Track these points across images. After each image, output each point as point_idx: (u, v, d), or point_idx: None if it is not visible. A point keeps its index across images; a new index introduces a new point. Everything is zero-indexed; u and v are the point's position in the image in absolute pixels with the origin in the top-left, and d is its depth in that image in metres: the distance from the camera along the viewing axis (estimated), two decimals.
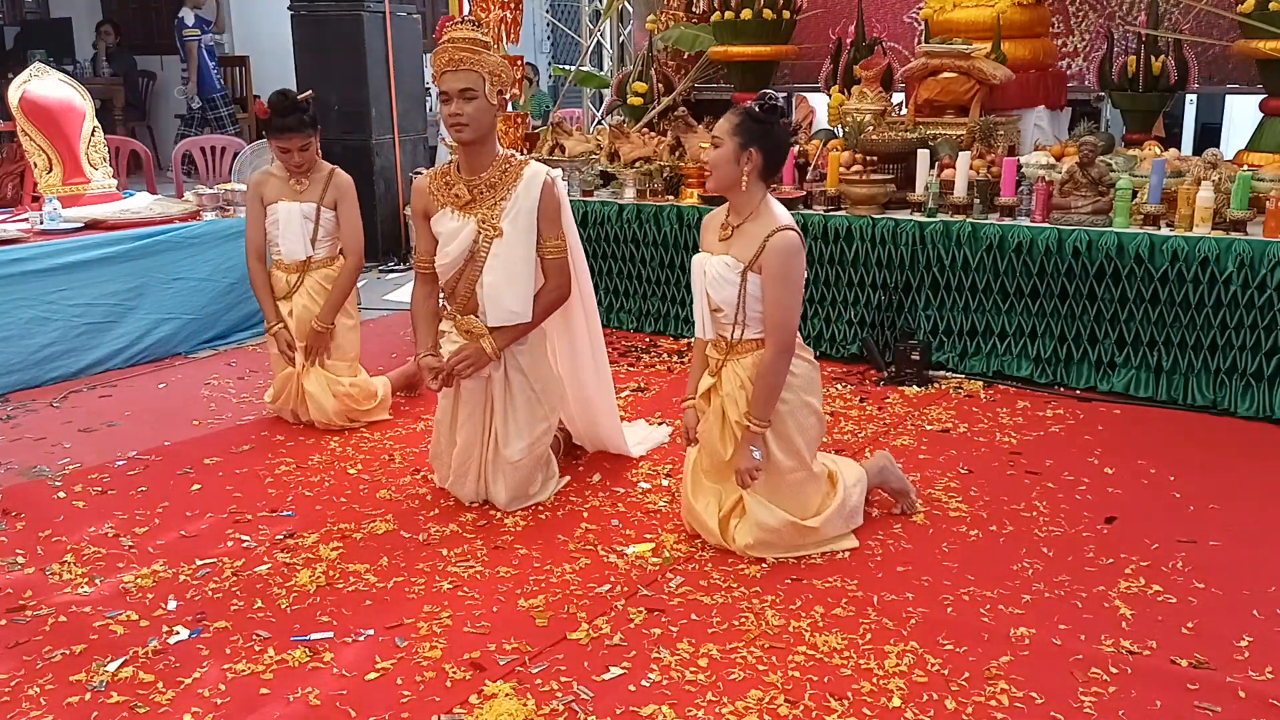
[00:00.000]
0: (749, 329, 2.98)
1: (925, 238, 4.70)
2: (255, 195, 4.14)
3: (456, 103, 3.12)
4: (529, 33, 12.57)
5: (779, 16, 5.95)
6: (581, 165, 5.74)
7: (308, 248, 4.09)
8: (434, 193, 3.30)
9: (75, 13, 12.44)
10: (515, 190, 3.22)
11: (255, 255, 4.17)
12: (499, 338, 3.27)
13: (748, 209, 2.97)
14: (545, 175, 3.26)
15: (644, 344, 5.35)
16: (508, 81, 3.22)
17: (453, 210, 3.26)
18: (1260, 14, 4.66)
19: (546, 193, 3.25)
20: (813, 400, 3.07)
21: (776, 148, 2.98)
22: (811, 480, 3.07)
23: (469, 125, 3.14)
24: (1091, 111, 5.91)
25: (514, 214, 3.22)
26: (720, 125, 2.96)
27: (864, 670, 2.49)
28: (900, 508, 3.33)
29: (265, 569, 3.02)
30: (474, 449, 3.35)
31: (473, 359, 3.26)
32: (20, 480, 3.71)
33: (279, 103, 3.98)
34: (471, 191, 3.23)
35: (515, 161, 3.28)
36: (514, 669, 2.51)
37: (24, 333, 4.73)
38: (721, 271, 2.96)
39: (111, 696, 2.42)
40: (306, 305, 4.12)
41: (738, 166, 2.91)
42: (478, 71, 3.12)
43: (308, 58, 7.45)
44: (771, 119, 2.93)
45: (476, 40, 3.13)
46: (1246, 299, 4.10)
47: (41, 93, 5.36)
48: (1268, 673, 2.46)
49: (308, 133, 3.99)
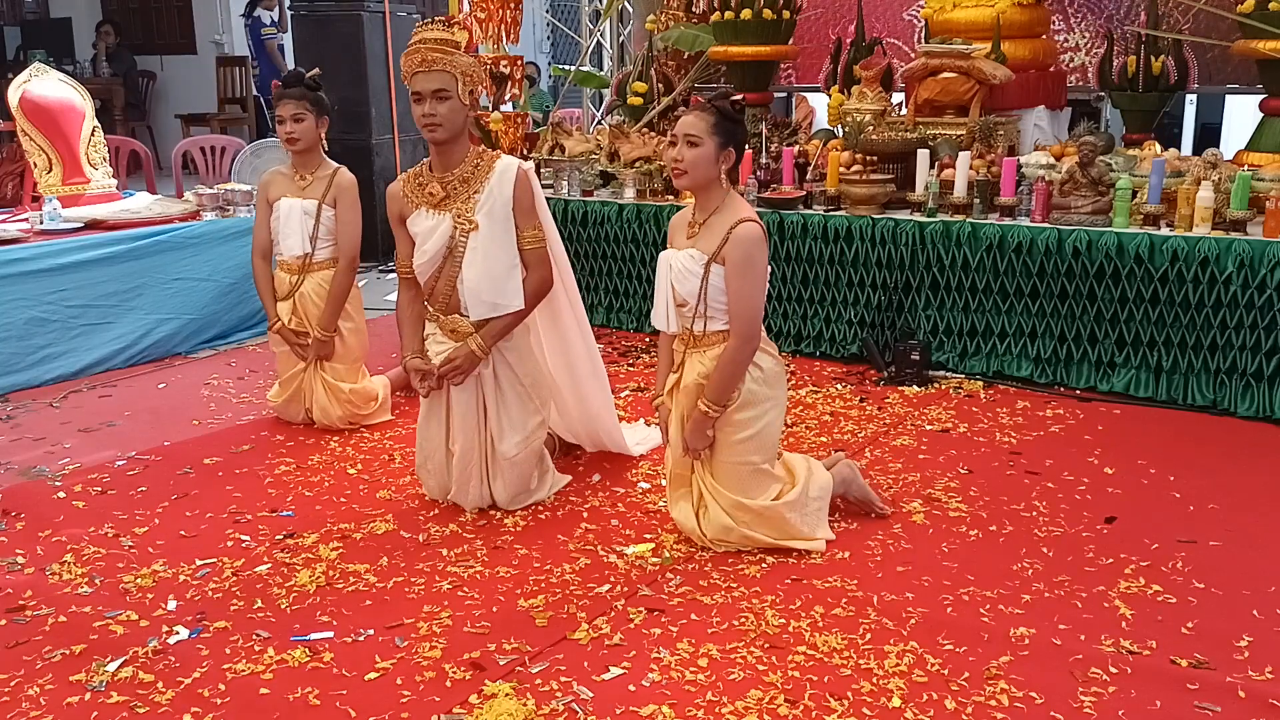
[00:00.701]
0: (711, 322, 3.00)
1: (925, 238, 4.70)
2: (262, 193, 4.18)
3: (430, 103, 3.14)
4: (529, 33, 12.58)
5: (779, 16, 5.94)
6: (581, 165, 5.74)
7: (306, 244, 4.07)
8: (408, 195, 3.30)
9: (75, 13, 12.44)
10: (489, 183, 3.23)
11: (260, 253, 4.19)
12: (486, 335, 3.26)
13: (714, 204, 3.01)
14: (519, 166, 3.26)
15: (644, 344, 5.35)
16: (479, 81, 3.21)
17: (428, 209, 3.26)
18: (1260, 14, 4.66)
19: (521, 183, 3.24)
20: (777, 394, 3.08)
21: (743, 145, 3.06)
22: (765, 475, 3.07)
23: (443, 125, 3.15)
24: (1091, 111, 5.91)
25: (489, 207, 3.22)
26: (693, 124, 2.94)
27: (864, 670, 2.49)
28: (872, 513, 3.32)
29: (265, 569, 3.02)
30: (473, 453, 3.35)
31: (462, 366, 3.27)
32: (20, 480, 3.71)
33: (287, 75, 4.13)
34: (445, 188, 3.24)
35: (487, 156, 3.28)
36: (514, 669, 2.51)
37: (24, 333, 4.73)
38: (686, 264, 2.99)
39: (111, 696, 2.42)
40: (306, 306, 4.11)
41: (716, 165, 2.96)
42: (450, 72, 3.14)
43: (307, 58, 7.44)
44: (741, 118, 3.00)
45: (448, 41, 3.14)
46: (1246, 299, 4.10)
47: (41, 93, 5.36)
48: (1268, 673, 2.46)
49: (304, 105, 4.02)
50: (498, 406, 3.35)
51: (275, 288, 4.17)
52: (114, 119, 10.58)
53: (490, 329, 3.27)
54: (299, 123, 4.02)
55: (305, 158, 4.11)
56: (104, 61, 11.42)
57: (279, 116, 4.04)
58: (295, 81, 4.06)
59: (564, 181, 5.78)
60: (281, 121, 4.03)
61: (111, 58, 11.52)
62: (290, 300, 4.13)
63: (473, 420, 3.35)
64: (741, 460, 3.04)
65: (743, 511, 3.04)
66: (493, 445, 3.34)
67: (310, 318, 4.10)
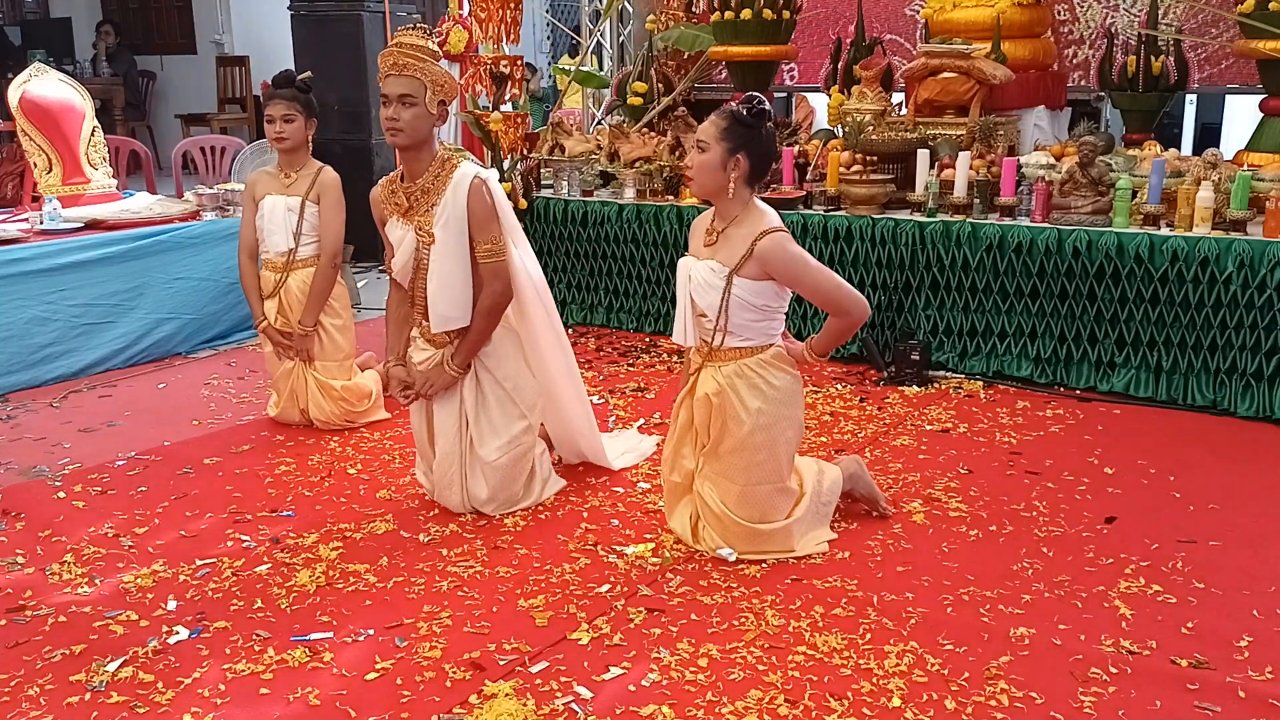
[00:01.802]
0: (731, 337, 2.94)
1: (925, 238, 4.70)
2: (249, 193, 4.20)
3: (395, 107, 3.14)
4: (529, 33, 12.57)
5: (779, 16, 5.94)
6: (581, 165, 5.74)
7: (289, 240, 4.10)
8: (384, 201, 3.32)
9: (75, 13, 12.44)
10: (445, 194, 3.20)
11: (246, 253, 4.21)
12: (459, 353, 3.26)
13: (733, 213, 2.93)
14: (473, 176, 3.21)
15: (644, 344, 5.35)
16: (451, 93, 3.20)
17: (398, 218, 3.28)
18: (1260, 14, 4.66)
19: (474, 195, 3.19)
20: (793, 413, 3.02)
21: (765, 153, 2.92)
22: (782, 494, 3.03)
23: (404, 130, 3.15)
24: (1091, 111, 5.91)
25: (444, 218, 3.19)
26: (705, 129, 2.89)
27: (864, 670, 2.49)
28: (874, 512, 3.31)
29: (265, 569, 3.02)
30: (454, 457, 3.32)
31: (435, 383, 3.29)
32: (20, 480, 3.71)
33: (277, 76, 4.16)
34: (409, 198, 3.24)
35: (449, 165, 3.24)
36: (514, 669, 2.51)
37: (24, 333, 4.73)
38: (706, 276, 2.92)
39: (111, 696, 2.42)
40: (290, 303, 4.13)
41: (724, 172, 2.86)
42: (419, 79, 3.13)
43: (308, 58, 7.44)
44: (759, 122, 2.87)
45: (423, 48, 3.15)
46: (1246, 299, 4.10)
47: (41, 93, 5.36)
48: (1268, 673, 2.46)
49: (294, 106, 4.06)
50: (477, 410, 3.32)
51: (261, 286, 4.19)
52: (114, 119, 10.57)
53: (461, 346, 3.27)
54: (289, 123, 4.07)
55: (291, 156, 4.14)
56: (104, 61, 11.41)
57: (269, 116, 4.08)
58: (286, 82, 4.10)
59: (564, 181, 5.77)
60: (271, 121, 4.07)
61: (111, 58, 11.51)
62: (275, 298, 4.14)
63: (453, 424, 3.32)
64: (758, 483, 2.98)
65: (755, 539, 3.00)
66: (473, 448, 3.31)
67: (295, 315, 4.11)
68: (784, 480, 3.02)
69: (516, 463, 3.35)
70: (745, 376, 2.94)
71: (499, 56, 5.82)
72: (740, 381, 2.94)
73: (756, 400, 2.93)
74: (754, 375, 2.94)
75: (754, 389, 2.94)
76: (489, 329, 3.28)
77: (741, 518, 2.99)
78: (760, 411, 2.93)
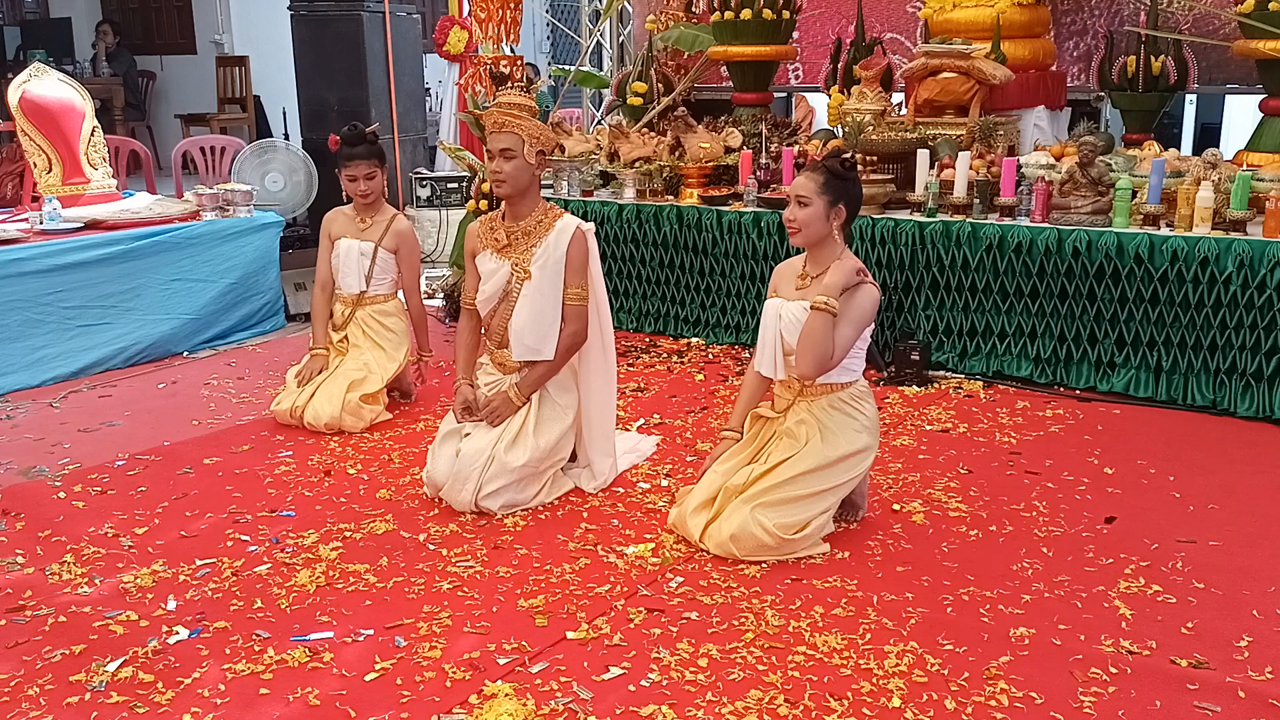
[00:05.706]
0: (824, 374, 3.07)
1: (925, 238, 4.70)
2: (325, 231, 4.42)
3: (497, 161, 3.40)
4: (529, 33, 12.58)
5: (779, 16, 5.94)
6: (581, 165, 5.74)
7: (361, 283, 4.33)
8: (481, 236, 3.57)
9: (75, 13, 12.44)
10: (547, 238, 3.46)
11: (320, 286, 4.43)
12: (524, 384, 3.47)
13: (828, 259, 3.10)
14: (577, 227, 3.48)
15: (644, 344, 5.35)
16: (549, 143, 3.46)
17: (492, 252, 3.52)
18: (1260, 14, 4.66)
19: (575, 242, 3.46)
20: (874, 443, 3.16)
21: (856, 199, 3.15)
22: (821, 503, 3.06)
23: (506, 181, 3.41)
24: (1091, 111, 5.91)
25: (543, 260, 3.45)
26: (803, 184, 3.08)
27: (864, 670, 2.49)
28: (844, 517, 3.29)
29: (265, 569, 3.02)
30: (482, 454, 3.36)
31: (499, 411, 3.46)
32: (20, 480, 3.71)
33: (349, 134, 4.29)
34: (509, 237, 3.50)
35: (553, 213, 3.51)
36: (514, 669, 2.51)
37: (24, 333, 4.73)
38: (799, 316, 3.06)
39: (111, 696, 2.42)
40: (358, 335, 4.33)
41: (828, 222, 3.07)
42: (518, 134, 3.38)
43: (307, 58, 7.45)
44: (853, 174, 3.12)
45: (521, 105, 3.41)
46: (1246, 299, 4.10)
47: (41, 93, 5.36)
48: (1267, 673, 2.46)
49: (373, 162, 4.25)
50: (524, 421, 3.44)
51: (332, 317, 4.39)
52: (114, 119, 10.55)
53: (528, 377, 3.48)
54: (370, 180, 4.27)
55: (371, 206, 4.33)
56: (104, 61, 11.39)
57: (351, 175, 4.23)
58: (361, 139, 4.25)
59: (564, 181, 5.78)
60: (354, 180, 4.25)
61: (111, 58, 11.50)
62: (344, 331, 4.36)
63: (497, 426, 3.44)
64: (823, 512, 3.05)
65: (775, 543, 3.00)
66: (505, 451, 3.37)
67: (362, 344, 4.32)
68: (834, 495, 3.10)
69: (538, 475, 3.44)
70: (840, 409, 3.11)
71: (499, 56, 5.82)
72: (836, 414, 3.11)
73: (856, 431, 3.10)
74: (848, 407, 3.12)
75: (850, 420, 3.11)
76: (560, 365, 3.52)
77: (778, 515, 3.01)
78: (859, 441, 3.09)
